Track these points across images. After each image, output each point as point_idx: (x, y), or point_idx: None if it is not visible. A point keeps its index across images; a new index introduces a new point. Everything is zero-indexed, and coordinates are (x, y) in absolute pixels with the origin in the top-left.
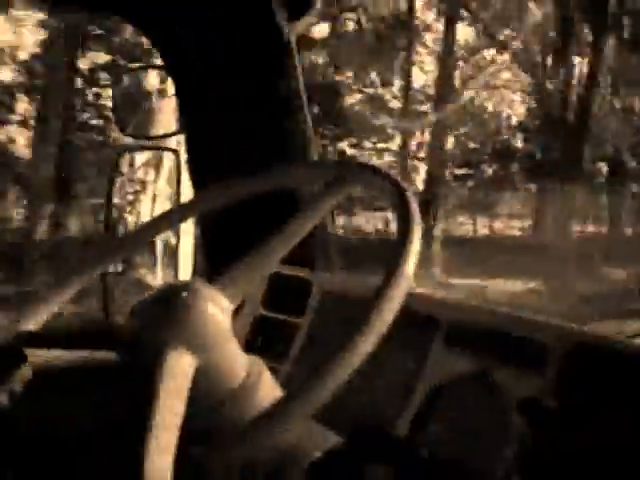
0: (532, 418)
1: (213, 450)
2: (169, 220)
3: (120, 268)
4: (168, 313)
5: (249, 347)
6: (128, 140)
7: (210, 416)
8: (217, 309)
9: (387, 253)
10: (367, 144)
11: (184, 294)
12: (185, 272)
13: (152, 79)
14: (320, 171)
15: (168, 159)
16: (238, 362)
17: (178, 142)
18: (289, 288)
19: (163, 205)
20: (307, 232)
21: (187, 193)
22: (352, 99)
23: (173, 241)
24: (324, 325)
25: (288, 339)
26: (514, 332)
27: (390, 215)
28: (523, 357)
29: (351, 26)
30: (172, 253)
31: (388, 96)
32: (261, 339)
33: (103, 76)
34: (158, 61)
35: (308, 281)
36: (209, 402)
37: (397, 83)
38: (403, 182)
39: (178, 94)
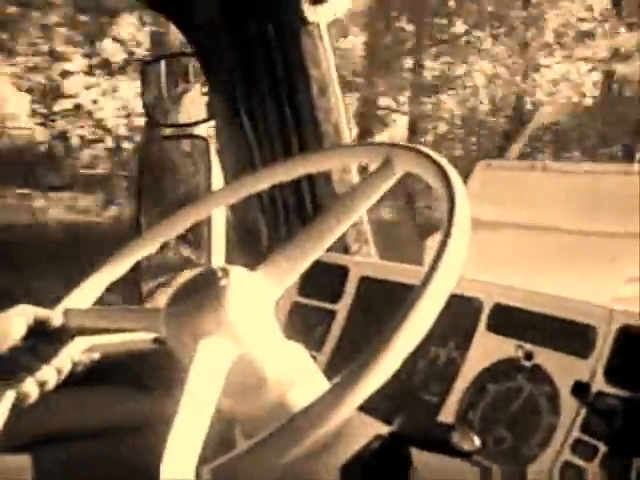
0: (586, 401)
1: (263, 441)
2: (207, 205)
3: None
4: (207, 300)
5: (285, 334)
6: None
7: (256, 405)
8: (259, 297)
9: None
10: None
11: (224, 281)
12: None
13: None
14: (368, 152)
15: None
16: (281, 350)
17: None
18: (325, 274)
19: None
20: (356, 218)
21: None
22: None
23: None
24: (361, 311)
25: (324, 326)
26: (559, 315)
27: None
28: (568, 340)
29: None
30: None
31: None
32: (298, 326)
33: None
34: None
35: (344, 267)
36: (253, 390)
37: None
38: (451, 166)
39: (207, 81)
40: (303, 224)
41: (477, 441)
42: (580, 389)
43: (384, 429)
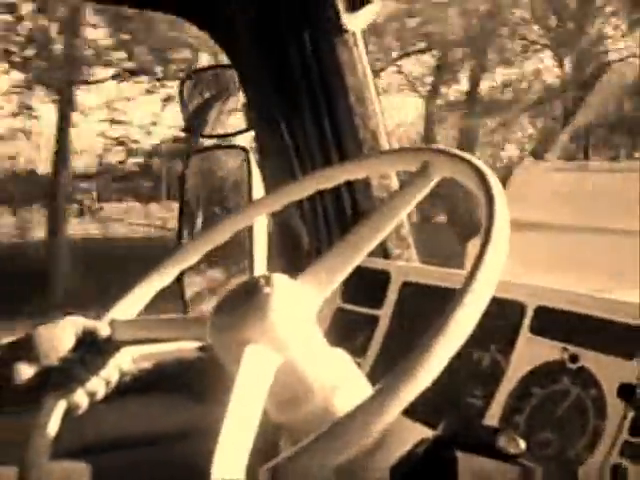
0: (632, 403)
1: (308, 447)
2: (249, 214)
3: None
4: (252, 309)
5: (328, 340)
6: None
7: (302, 412)
8: (302, 305)
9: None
10: None
11: (267, 289)
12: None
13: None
14: (405, 158)
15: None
16: (325, 356)
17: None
18: (367, 279)
19: None
20: (393, 227)
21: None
22: None
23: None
24: (404, 317)
25: (367, 332)
26: (603, 316)
27: None
28: (614, 341)
29: None
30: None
31: None
32: (340, 332)
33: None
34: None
35: (386, 272)
36: (298, 398)
37: None
38: (489, 170)
39: (245, 92)
40: (343, 230)
41: (522, 444)
42: (626, 391)
43: (429, 433)
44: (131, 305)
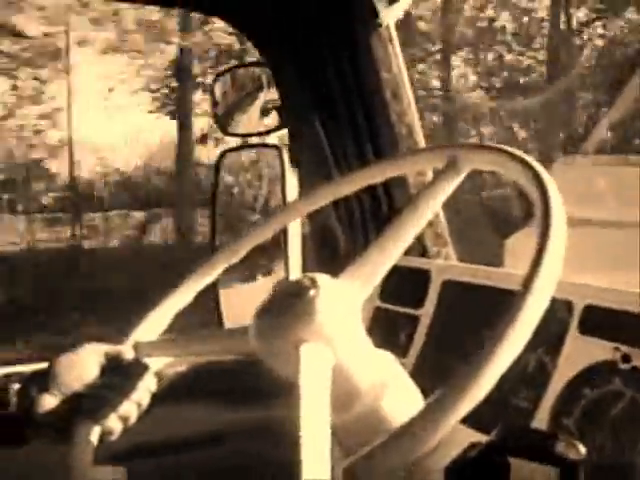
0: None
1: (365, 457)
2: (281, 220)
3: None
4: (299, 309)
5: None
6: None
7: (351, 414)
8: (347, 304)
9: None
10: None
11: (313, 291)
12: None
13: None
14: (432, 156)
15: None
16: (372, 357)
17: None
18: (406, 278)
19: None
20: (428, 220)
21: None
22: None
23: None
24: (446, 316)
25: (408, 331)
26: None
27: None
28: None
29: None
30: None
31: None
32: (380, 332)
33: None
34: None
35: (426, 271)
36: (347, 400)
37: None
38: (533, 160)
39: (278, 89)
40: (379, 228)
41: (582, 449)
42: None
43: (481, 437)
44: (154, 325)
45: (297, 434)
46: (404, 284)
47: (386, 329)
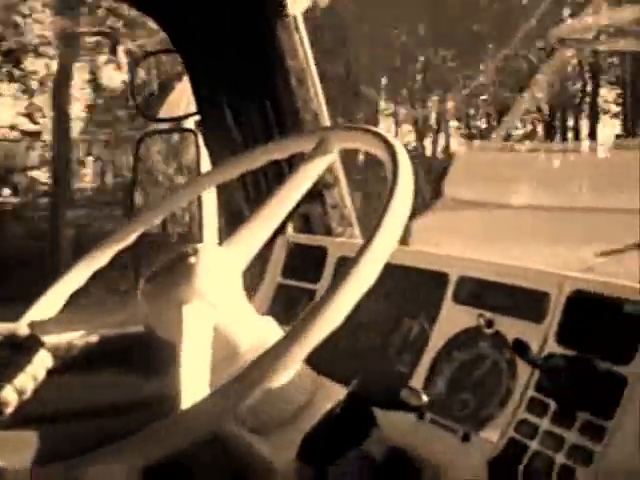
0: (526, 358)
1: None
2: (189, 191)
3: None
4: (181, 273)
5: (271, 314)
6: None
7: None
8: (226, 267)
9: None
10: None
11: (193, 259)
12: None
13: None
14: (304, 139)
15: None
16: (252, 321)
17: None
18: (306, 255)
19: None
20: (301, 195)
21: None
22: None
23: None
24: None
25: (305, 304)
26: (516, 283)
27: None
28: (525, 307)
29: None
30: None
31: None
32: (281, 306)
33: None
34: None
35: (323, 248)
36: (227, 359)
37: None
38: (392, 137)
39: (188, 74)
40: None
41: (424, 397)
42: (520, 347)
43: (344, 391)
44: (51, 304)
45: (176, 389)
46: (304, 261)
47: (287, 304)
